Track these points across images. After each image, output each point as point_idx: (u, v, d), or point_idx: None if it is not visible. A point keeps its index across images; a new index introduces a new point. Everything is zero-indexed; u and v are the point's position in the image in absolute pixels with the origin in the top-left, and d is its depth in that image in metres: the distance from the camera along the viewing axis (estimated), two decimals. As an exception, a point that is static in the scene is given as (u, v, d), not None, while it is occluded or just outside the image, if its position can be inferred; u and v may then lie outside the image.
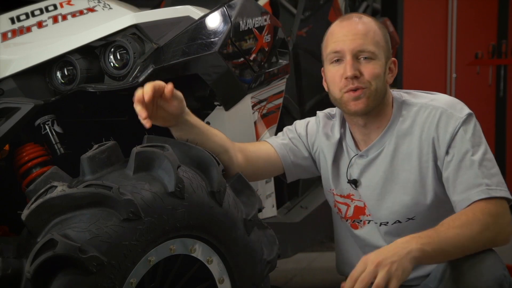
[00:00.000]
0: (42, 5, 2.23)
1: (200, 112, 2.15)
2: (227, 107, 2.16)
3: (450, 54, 5.09)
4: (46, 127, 1.94)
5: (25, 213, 1.54)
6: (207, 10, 2.13)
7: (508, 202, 1.76)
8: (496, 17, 5.11)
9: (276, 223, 2.43)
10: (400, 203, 1.88)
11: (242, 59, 2.18)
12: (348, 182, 1.96)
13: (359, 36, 1.83)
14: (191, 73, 2.03)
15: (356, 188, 1.94)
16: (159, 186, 1.61)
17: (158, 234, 1.59)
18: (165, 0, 3.15)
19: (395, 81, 1.97)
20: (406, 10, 5.12)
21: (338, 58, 1.85)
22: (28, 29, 2.15)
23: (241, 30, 2.16)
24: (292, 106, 2.89)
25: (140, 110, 1.67)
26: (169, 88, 1.71)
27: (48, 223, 1.53)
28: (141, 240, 1.55)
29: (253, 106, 2.30)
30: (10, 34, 2.14)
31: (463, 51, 5.02)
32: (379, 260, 1.59)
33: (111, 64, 1.95)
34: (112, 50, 1.96)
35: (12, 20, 2.21)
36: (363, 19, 1.88)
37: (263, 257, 1.81)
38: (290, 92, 2.85)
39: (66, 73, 1.96)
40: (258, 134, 2.34)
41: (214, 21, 2.08)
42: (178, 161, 1.65)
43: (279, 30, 2.40)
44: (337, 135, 1.99)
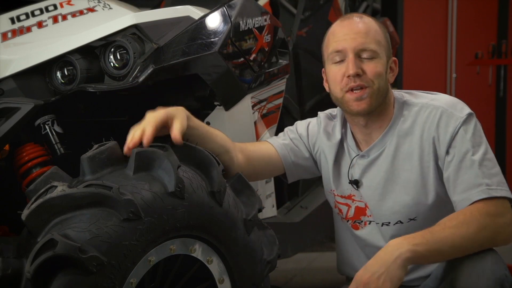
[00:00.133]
0: (42, 5, 2.23)
1: (200, 112, 2.15)
2: (227, 107, 2.16)
3: (450, 54, 5.09)
4: (46, 127, 1.94)
5: (25, 213, 1.54)
6: (207, 10, 2.13)
7: (510, 202, 1.76)
8: (496, 17, 5.11)
9: (276, 223, 2.43)
10: (401, 203, 1.88)
11: (242, 59, 2.18)
12: (349, 183, 1.96)
13: (361, 35, 1.84)
14: (191, 73, 2.03)
15: (357, 188, 1.94)
16: (159, 186, 1.61)
17: (158, 234, 1.59)
18: (165, 0, 3.15)
19: (395, 81, 1.97)
20: (406, 10, 5.12)
21: (340, 57, 1.85)
22: (28, 29, 2.15)
23: (241, 30, 2.16)
24: (292, 106, 2.89)
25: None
26: (177, 139, 1.69)
27: (48, 223, 1.53)
28: (141, 240, 1.55)
29: (253, 106, 2.30)
30: (10, 34, 2.14)
31: (463, 51, 5.02)
32: (367, 278, 1.64)
33: (111, 64, 1.95)
34: (112, 50, 1.96)
35: (12, 20, 2.21)
36: (364, 19, 1.88)
37: (263, 257, 1.81)
38: (290, 92, 2.85)
39: (66, 73, 1.96)
40: (258, 134, 2.34)
41: (214, 21, 2.08)
42: (178, 161, 1.65)
43: (279, 30, 2.40)
44: (338, 136, 1.99)
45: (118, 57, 1.95)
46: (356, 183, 1.94)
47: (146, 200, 1.57)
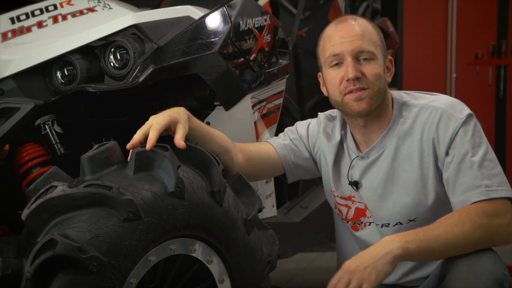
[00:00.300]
0: (42, 5, 2.23)
1: (200, 112, 2.15)
2: (227, 107, 2.16)
3: (450, 54, 5.09)
4: (46, 127, 1.94)
5: (25, 213, 1.54)
6: (207, 10, 2.13)
7: (511, 201, 1.76)
8: (496, 17, 5.11)
9: (276, 223, 2.43)
10: (401, 204, 1.87)
11: (242, 59, 2.18)
12: (349, 184, 1.95)
13: (357, 37, 1.84)
14: (191, 73, 2.03)
15: (357, 189, 1.94)
16: (159, 186, 1.61)
17: (158, 234, 1.59)
18: (165, 0, 3.15)
19: (395, 81, 1.98)
20: (406, 10, 5.12)
21: (338, 61, 1.85)
22: (28, 29, 2.15)
23: (241, 30, 2.16)
24: (292, 106, 2.89)
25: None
26: (180, 145, 1.69)
27: (48, 223, 1.53)
28: (141, 240, 1.55)
29: (253, 106, 2.30)
30: (10, 34, 2.14)
31: (463, 51, 5.02)
32: (354, 266, 1.65)
33: (111, 64, 1.95)
34: (112, 50, 1.96)
35: (12, 20, 2.21)
36: (358, 21, 1.88)
37: (263, 257, 1.81)
38: (290, 92, 2.85)
39: (66, 73, 1.96)
40: (258, 134, 2.34)
41: (214, 21, 2.08)
42: (178, 161, 1.65)
43: (279, 30, 2.40)
44: (338, 137, 1.99)
45: (118, 57, 1.95)
46: (355, 185, 1.94)
47: (146, 200, 1.57)
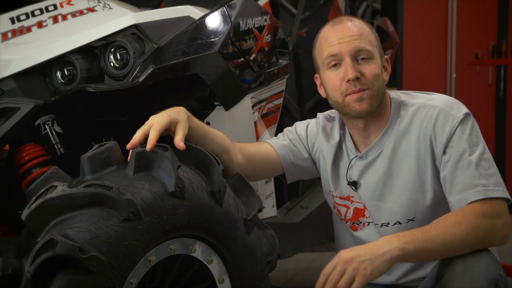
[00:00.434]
0: (42, 5, 2.24)
1: (200, 112, 2.15)
2: (227, 107, 2.16)
3: (450, 54, 5.09)
4: (46, 127, 1.94)
5: (25, 213, 1.54)
6: (207, 10, 2.13)
7: (507, 202, 1.76)
8: (496, 17, 5.10)
9: (276, 223, 2.43)
10: (400, 203, 1.87)
11: (242, 59, 2.18)
12: (348, 184, 1.96)
13: (355, 37, 1.84)
14: (191, 73, 2.03)
15: (356, 190, 1.94)
16: (159, 186, 1.61)
17: (158, 234, 1.59)
18: (165, 0, 3.15)
19: (395, 81, 1.98)
20: (406, 10, 5.12)
21: (336, 61, 1.85)
22: (28, 29, 2.15)
23: (241, 30, 2.16)
24: (292, 106, 2.89)
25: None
26: (180, 146, 1.69)
27: (48, 223, 1.53)
28: (141, 240, 1.55)
29: (253, 106, 2.30)
30: (10, 34, 2.14)
31: (463, 51, 5.02)
32: (351, 257, 1.62)
33: (111, 64, 1.95)
34: (112, 50, 1.96)
35: (12, 20, 2.21)
36: (354, 21, 1.89)
37: (263, 257, 1.81)
38: (290, 92, 2.85)
39: (66, 73, 1.96)
40: (258, 134, 2.34)
41: (214, 21, 2.08)
42: (178, 161, 1.65)
43: (279, 30, 2.40)
44: (337, 137, 1.99)
45: (118, 57, 1.95)
46: (354, 185, 1.94)
47: (146, 200, 1.57)
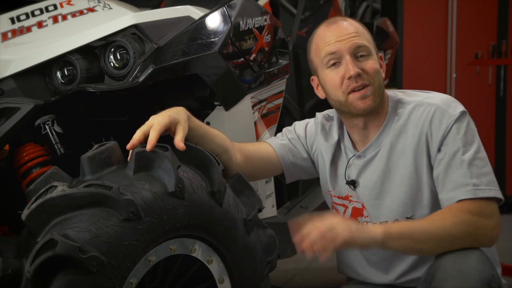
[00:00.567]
0: (42, 5, 2.24)
1: (200, 112, 2.15)
2: (227, 107, 2.16)
3: (450, 54, 5.08)
4: (46, 127, 1.94)
5: (25, 213, 1.54)
6: (207, 10, 2.13)
7: (498, 202, 1.76)
8: (496, 17, 5.10)
9: (276, 223, 2.43)
10: (398, 201, 1.87)
11: (242, 59, 2.18)
12: (346, 183, 1.95)
13: (353, 34, 1.85)
14: (191, 73, 2.03)
15: (354, 189, 1.94)
16: (159, 186, 1.61)
17: (158, 234, 1.59)
18: (165, 0, 3.15)
19: (395, 81, 1.98)
20: (406, 10, 5.12)
21: (335, 60, 1.85)
22: (28, 29, 2.15)
23: (241, 30, 2.16)
24: (292, 106, 2.89)
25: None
26: (180, 147, 1.69)
27: (48, 223, 1.53)
28: (141, 240, 1.55)
29: (253, 106, 2.30)
30: (10, 34, 2.14)
31: (463, 51, 5.01)
32: (336, 220, 1.68)
33: (111, 64, 1.96)
34: (112, 50, 1.96)
35: (12, 20, 2.21)
36: (349, 20, 1.90)
37: (263, 257, 1.81)
38: (290, 92, 2.85)
39: (66, 73, 1.96)
40: (258, 134, 2.34)
41: (214, 21, 2.08)
42: (178, 161, 1.65)
43: (279, 30, 2.40)
44: (335, 137, 1.99)
45: (118, 57, 1.95)
46: (353, 184, 1.94)
47: (146, 200, 1.57)
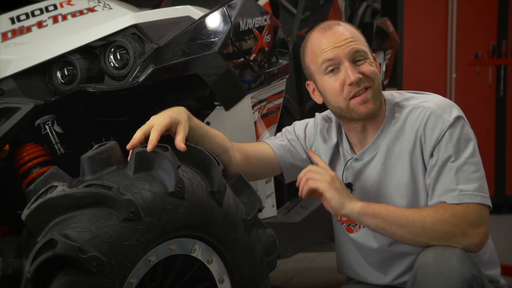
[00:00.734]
0: (42, 5, 2.24)
1: (200, 112, 2.15)
2: (227, 107, 2.16)
3: (450, 54, 5.09)
4: (46, 127, 1.94)
5: (25, 213, 1.54)
6: (207, 10, 2.13)
7: (488, 208, 1.76)
8: (496, 17, 5.10)
9: (276, 223, 2.43)
10: (394, 204, 1.86)
11: (242, 59, 2.18)
12: None
13: (349, 40, 1.84)
14: (191, 73, 2.03)
15: (351, 191, 1.94)
16: (159, 186, 1.61)
17: (158, 234, 1.59)
18: (165, 0, 3.15)
19: (395, 81, 1.98)
20: (406, 10, 5.12)
21: (334, 66, 1.84)
22: (28, 29, 2.15)
23: (241, 30, 2.16)
24: (292, 106, 2.89)
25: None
26: (181, 147, 1.69)
27: (48, 223, 1.53)
28: (141, 240, 1.55)
29: (253, 106, 2.30)
30: (10, 34, 2.14)
31: (463, 51, 5.02)
32: (332, 179, 1.79)
33: (111, 64, 1.96)
34: (112, 50, 1.96)
35: (12, 20, 2.21)
36: (343, 25, 1.89)
37: (263, 257, 1.81)
38: (290, 92, 2.85)
39: (66, 73, 1.96)
40: (258, 134, 2.34)
41: (214, 21, 2.08)
42: (178, 161, 1.65)
43: (279, 30, 2.40)
44: (334, 139, 1.99)
45: (118, 57, 1.95)
46: (350, 186, 1.94)
47: (146, 200, 1.57)
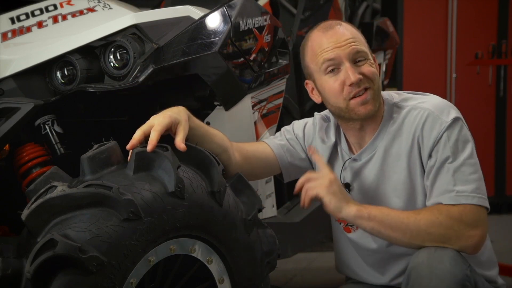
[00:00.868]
0: (42, 5, 2.24)
1: (200, 112, 2.15)
2: (227, 107, 2.16)
3: (450, 54, 5.09)
4: (46, 127, 1.94)
5: (25, 213, 1.54)
6: (207, 10, 2.13)
7: (486, 210, 1.76)
8: (496, 17, 5.10)
9: (276, 223, 2.43)
10: (392, 205, 1.86)
11: (242, 59, 2.18)
12: None
13: (350, 40, 1.84)
14: (191, 73, 2.03)
15: (349, 192, 1.94)
16: (159, 186, 1.61)
17: (158, 234, 1.59)
18: (165, 0, 3.15)
19: (395, 81, 1.98)
20: (406, 10, 5.12)
21: (334, 66, 1.84)
22: (28, 29, 2.15)
23: (241, 30, 2.16)
24: (292, 106, 2.89)
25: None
26: (181, 147, 1.69)
27: (48, 223, 1.53)
28: (141, 240, 1.55)
29: (253, 106, 2.30)
30: (10, 34, 2.14)
31: (463, 51, 5.02)
32: (331, 182, 1.78)
33: (111, 64, 1.96)
34: (112, 50, 1.96)
35: (12, 20, 2.21)
36: (344, 25, 1.89)
37: (263, 257, 1.81)
38: (290, 92, 2.85)
39: (66, 73, 1.96)
40: (258, 134, 2.34)
41: (214, 21, 2.08)
42: (178, 161, 1.65)
43: (279, 30, 2.40)
44: (332, 139, 1.99)
45: (118, 57, 1.95)
46: (347, 187, 1.94)
47: (146, 200, 1.57)
